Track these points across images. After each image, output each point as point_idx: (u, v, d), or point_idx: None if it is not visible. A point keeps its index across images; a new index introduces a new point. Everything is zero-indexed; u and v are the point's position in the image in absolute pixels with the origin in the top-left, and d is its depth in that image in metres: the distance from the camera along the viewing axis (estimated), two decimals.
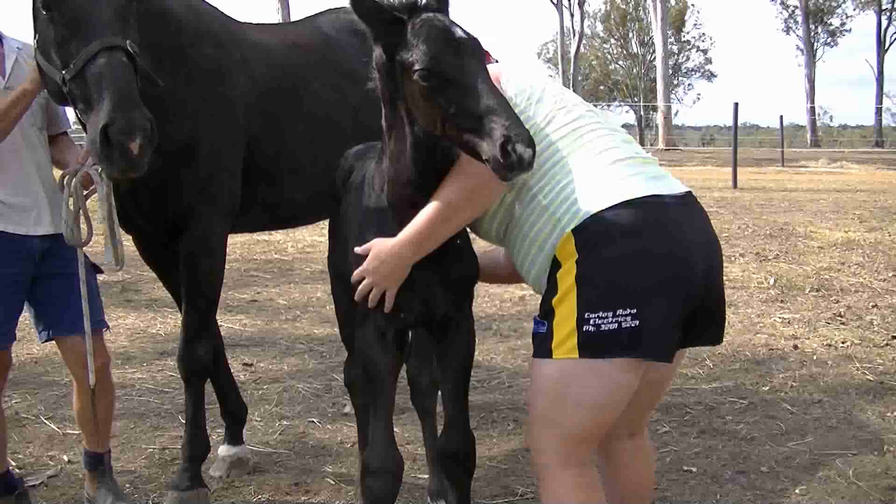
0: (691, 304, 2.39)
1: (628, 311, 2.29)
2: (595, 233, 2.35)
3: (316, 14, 4.34)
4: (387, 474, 2.65)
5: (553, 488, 2.49)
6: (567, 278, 2.37)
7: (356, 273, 2.55)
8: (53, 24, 2.73)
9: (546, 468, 2.50)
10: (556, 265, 2.41)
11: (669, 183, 2.49)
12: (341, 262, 3.17)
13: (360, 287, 2.55)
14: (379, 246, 2.51)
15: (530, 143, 2.07)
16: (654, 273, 2.34)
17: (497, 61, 2.67)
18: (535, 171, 2.42)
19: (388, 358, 2.65)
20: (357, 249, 2.56)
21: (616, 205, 2.36)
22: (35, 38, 2.91)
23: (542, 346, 2.41)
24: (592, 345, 2.32)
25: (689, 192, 2.51)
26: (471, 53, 2.22)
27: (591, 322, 2.31)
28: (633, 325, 2.29)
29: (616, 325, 2.30)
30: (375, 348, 2.64)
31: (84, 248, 3.20)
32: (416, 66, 2.20)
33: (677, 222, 2.40)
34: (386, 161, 2.50)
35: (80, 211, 3.09)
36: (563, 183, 2.45)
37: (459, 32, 2.25)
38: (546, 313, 2.41)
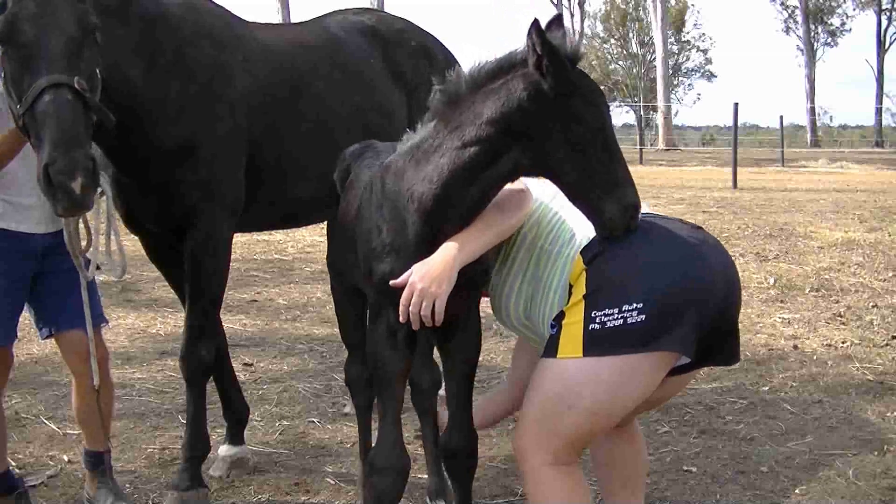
0: (709, 305, 2.41)
1: (634, 305, 2.33)
2: (597, 245, 2.45)
3: (324, 15, 4.36)
4: (393, 473, 2.66)
5: (543, 489, 2.50)
6: (578, 287, 2.44)
7: (414, 286, 2.47)
8: (8, 58, 2.74)
9: (534, 470, 2.50)
10: (571, 287, 2.50)
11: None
12: (341, 262, 3.18)
13: (413, 304, 2.47)
14: (427, 263, 2.47)
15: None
16: (657, 267, 2.40)
17: None
18: (542, 231, 2.62)
19: (398, 357, 2.65)
20: (395, 282, 2.49)
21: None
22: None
23: (551, 346, 2.46)
24: (598, 341, 2.35)
25: (699, 226, 2.65)
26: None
27: (598, 320, 2.35)
28: (639, 319, 2.32)
29: (622, 320, 2.33)
30: (386, 347, 2.65)
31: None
32: (584, 122, 2.29)
33: (677, 228, 2.52)
34: (440, 161, 2.45)
35: (80, 218, 3.12)
36: (564, 227, 2.60)
37: None
38: (559, 317, 2.46)
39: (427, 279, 2.44)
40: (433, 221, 2.49)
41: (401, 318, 2.50)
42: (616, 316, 2.33)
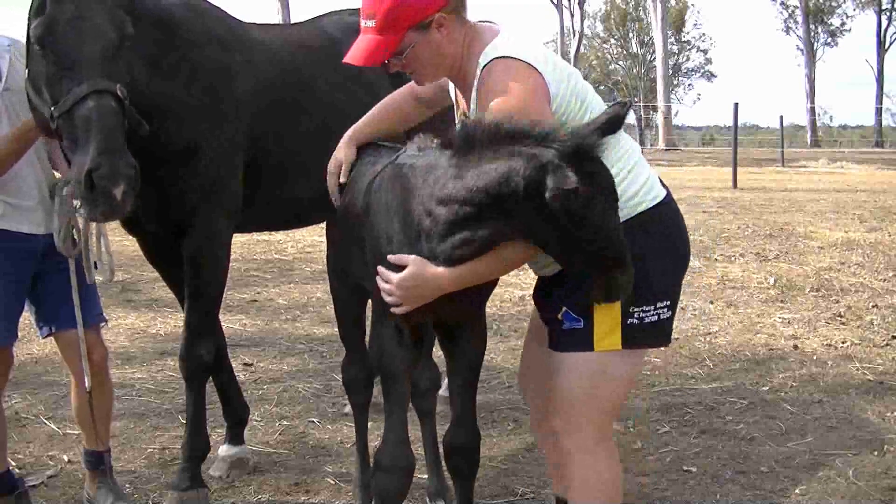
0: None
1: (665, 302, 2.54)
2: (633, 234, 2.40)
3: (321, 15, 4.35)
4: (399, 472, 2.66)
5: (592, 464, 2.62)
6: None
7: (391, 286, 2.48)
8: (46, 60, 2.74)
9: (584, 447, 2.61)
10: None
11: (660, 183, 2.69)
12: (343, 259, 3.17)
13: (389, 299, 2.50)
14: (420, 269, 2.44)
15: None
16: (677, 267, 2.60)
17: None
18: None
19: (405, 356, 2.65)
20: (392, 258, 2.48)
21: (648, 209, 2.55)
22: (27, 69, 2.91)
23: (581, 339, 2.52)
24: (636, 336, 2.51)
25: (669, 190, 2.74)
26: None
27: (636, 315, 2.50)
28: (668, 315, 2.55)
29: (656, 317, 2.52)
30: (393, 346, 2.64)
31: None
32: (584, 225, 2.15)
33: (682, 224, 2.68)
34: (446, 207, 2.36)
35: (70, 221, 3.13)
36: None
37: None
38: (583, 308, 2.50)
39: (405, 296, 2.47)
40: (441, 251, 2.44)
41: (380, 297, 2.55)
42: (652, 312, 2.51)
